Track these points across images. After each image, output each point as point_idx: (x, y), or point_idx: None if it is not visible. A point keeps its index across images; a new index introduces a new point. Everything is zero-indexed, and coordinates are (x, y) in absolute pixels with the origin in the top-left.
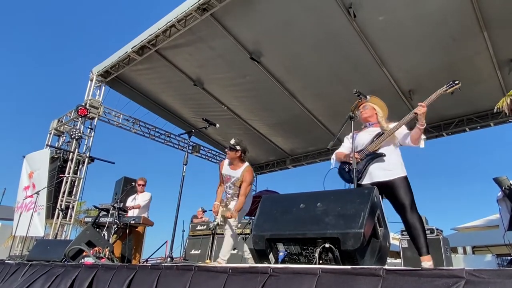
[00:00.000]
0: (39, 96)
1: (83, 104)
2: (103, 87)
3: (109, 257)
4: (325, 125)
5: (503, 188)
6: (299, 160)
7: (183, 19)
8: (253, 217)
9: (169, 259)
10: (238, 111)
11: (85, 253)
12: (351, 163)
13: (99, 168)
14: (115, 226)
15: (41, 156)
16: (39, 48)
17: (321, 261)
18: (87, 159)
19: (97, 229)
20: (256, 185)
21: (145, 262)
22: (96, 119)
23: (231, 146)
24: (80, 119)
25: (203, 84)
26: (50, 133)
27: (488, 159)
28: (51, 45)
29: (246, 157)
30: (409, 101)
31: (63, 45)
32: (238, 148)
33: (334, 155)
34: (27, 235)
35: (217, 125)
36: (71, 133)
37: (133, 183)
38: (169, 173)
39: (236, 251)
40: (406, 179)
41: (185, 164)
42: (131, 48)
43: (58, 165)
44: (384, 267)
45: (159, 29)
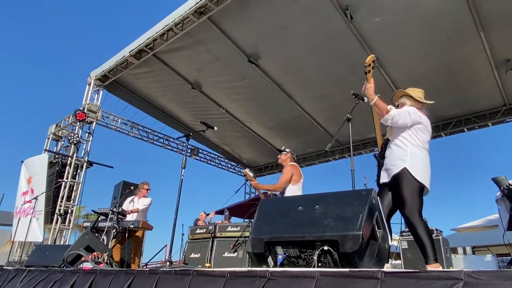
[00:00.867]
0: (37, 101)
1: (81, 109)
2: (101, 91)
3: (108, 262)
4: (324, 127)
5: (501, 188)
6: (298, 162)
7: (181, 22)
8: (252, 220)
9: (168, 263)
10: (236, 113)
11: (83, 258)
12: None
13: (99, 172)
14: (114, 230)
15: (40, 161)
16: (36, 53)
17: (320, 264)
18: (85, 164)
19: (96, 234)
20: None
21: (145, 267)
22: (94, 123)
23: (281, 150)
24: (78, 123)
25: (201, 87)
26: (49, 138)
27: (486, 159)
28: (49, 51)
29: (295, 160)
30: None
31: (60, 50)
32: (288, 150)
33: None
34: (25, 240)
35: (215, 128)
36: (69, 137)
37: (132, 187)
38: (169, 176)
39: (235, 254)
40: (405, 172)
41: (183, 168)
42: (129, 52)
43: (56, 170)
44: (382, 269)
45: (156, 33)
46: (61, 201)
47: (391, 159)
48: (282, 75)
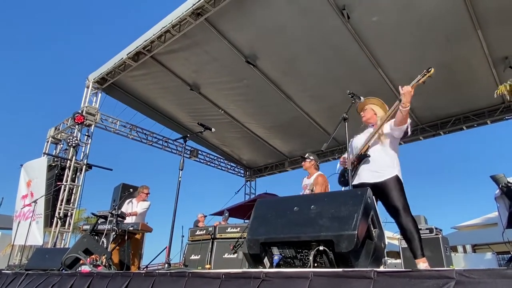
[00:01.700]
0: (36, 104)
1: (79, 112)
2: (100, 94)
3: (106, 264)
4: (323, 127)
5: (500, 186)
6: (298, 162)
7: (178, 24)
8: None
9: (166, 265)
10: (235, 114)
11: (82, 261)
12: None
13: (98, 175)
14: (113, 233)
15: (39, 165)
16: (34, 57)
17: (315, 264)
18: (84, 167)
19: (96, 237)
20: (256, 188)
21: (145, 269)
22: (93, 126)
23: (305, 158)
24: (77, 126)
25: (199, 89)
26: (48, 141)
27: (485, 156)
28: (47, 54)
29: (318, 166)
30: None
31: (58, 54)
32: (312, 158)
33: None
34: (25, 244)
35: (212, 129)
36: (68, 140)
37: (131, 190)
38: (169, 178)
39: (235, 255)
40: (397, 179)
41: (181, 169)
42: (127, 54)
43: (56, 173)
44: (375, 269)
45: (154, 35)
46: (61, 204)
47: (379, 165)
48: (280, 75)
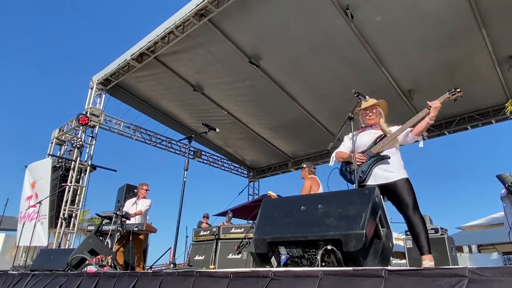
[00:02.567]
0: (40, 105)
1: (83, 113)
2: (104, 95)
3: (112, 264)
4: (326, 127)
5: (506, 185)
6: (301, 163)
7: (181, 25)
8: (255, 221)
9: (172, 265)
10: (238, 115)
11: (87, 262)
12: (352, 163)
13: (102, 176)
14: (118, 233)
15: (43, 166)
16: (38, 58)
17: (323, 264)
18: (89, 168)
19: (100, 237)
20: (259, 189)
21: (150, 269)
22: (97, 127)
23: (301, 167)
24: (81, 127)
25: (203, 89)
26: (52, 142)
27: (491, 156)
28: (51, 55)
29: (313, 172)
30: (409, 100)
31: (63, 55)
32: (305, 166)
33: (334, 154)
34: (30, 245)
35: (217, 129)
36: (73, 141)
37: (135, 190)
38: (173, 179)
39: (240, 255)
40: (408, 180)
41: (186, 170)
42: (131, 56)
43: (60, 174)
44: (386, 267)
45: (157, 36)
46: (65, 205)
47: (393, 167)
48: (283, 75)
